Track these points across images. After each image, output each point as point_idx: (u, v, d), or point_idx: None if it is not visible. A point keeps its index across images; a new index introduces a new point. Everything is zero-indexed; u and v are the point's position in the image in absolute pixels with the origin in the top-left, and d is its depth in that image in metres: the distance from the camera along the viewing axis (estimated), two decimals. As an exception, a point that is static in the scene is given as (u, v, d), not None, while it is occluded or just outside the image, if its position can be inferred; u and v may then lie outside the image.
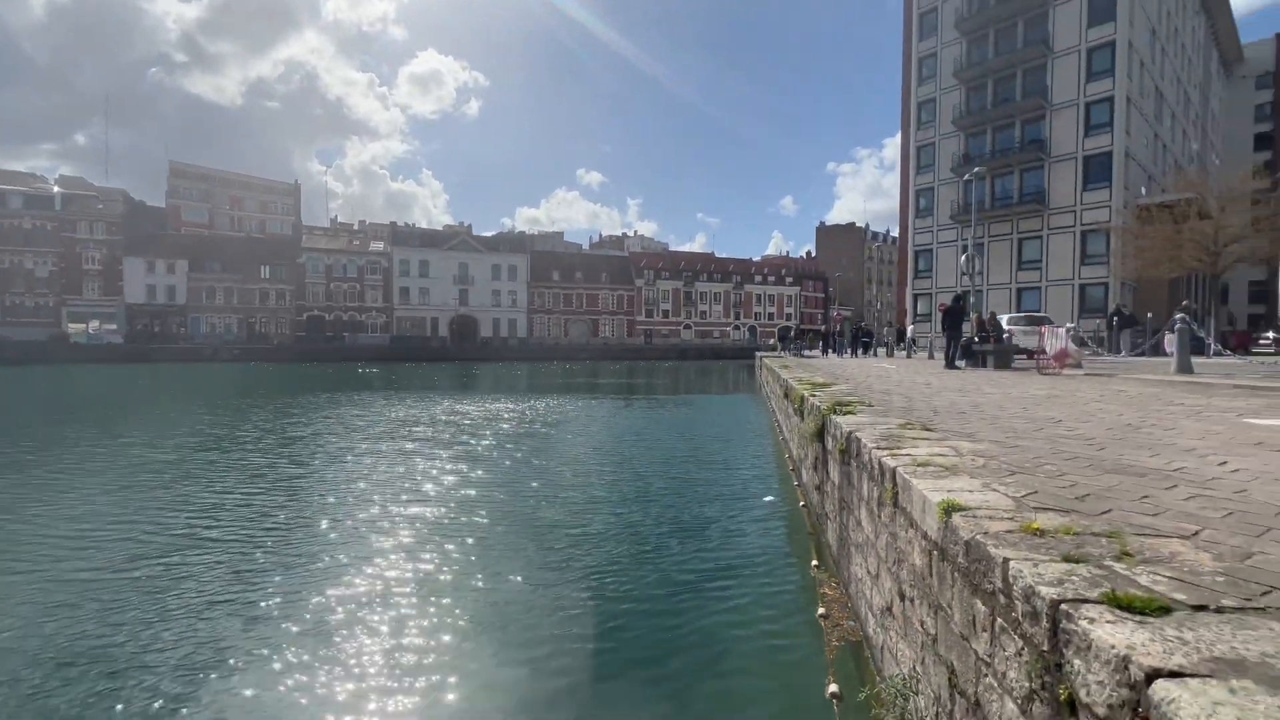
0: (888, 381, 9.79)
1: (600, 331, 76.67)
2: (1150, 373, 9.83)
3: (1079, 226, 31.97)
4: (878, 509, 3.57)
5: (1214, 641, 1.33)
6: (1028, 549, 1.93)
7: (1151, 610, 1.48)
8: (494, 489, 8.46)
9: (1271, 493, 2.57)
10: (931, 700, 2.53)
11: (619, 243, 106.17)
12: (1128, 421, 4.74)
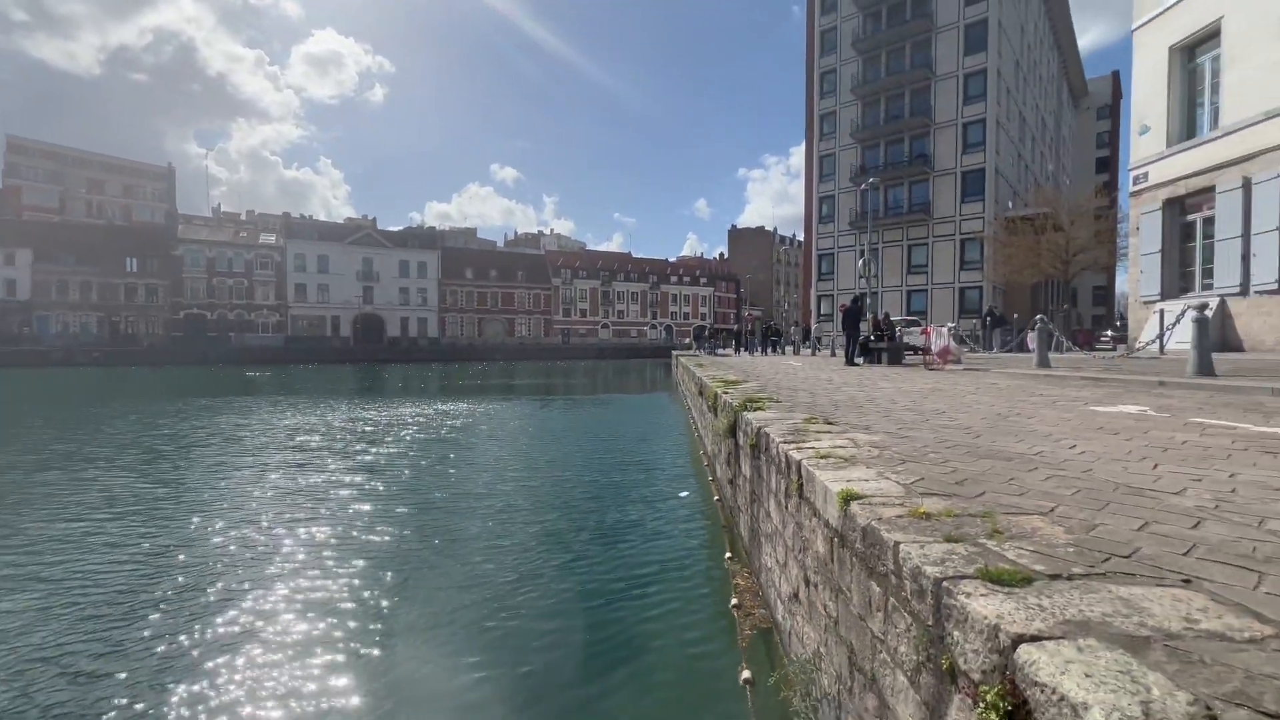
0: (794, 378, 10.30)
1: (516, 331, 75.12)
2: (1017, 367, 11.02)
3: (958, 235, 35.26)
4: (785, 500, 3.74)
5: (1065, 606, 1.50)
6: (915, 532, 2.10)
7: (1017, 582, 1.64)
8: (397, 503, 7.91)
9: (1110, 471, 2.95)
10: (834, 678, 2.69)
11: (535, 240, 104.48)
12: (998, 411, 5.27)
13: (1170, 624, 1.41)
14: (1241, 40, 12.92)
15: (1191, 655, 1.27)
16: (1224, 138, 13.26)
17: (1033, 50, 42.72)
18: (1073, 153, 56.57)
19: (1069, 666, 1.24)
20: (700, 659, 4.17)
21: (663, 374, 39.44)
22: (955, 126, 35.66)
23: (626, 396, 25.82)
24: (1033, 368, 10.13)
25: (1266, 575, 1.69)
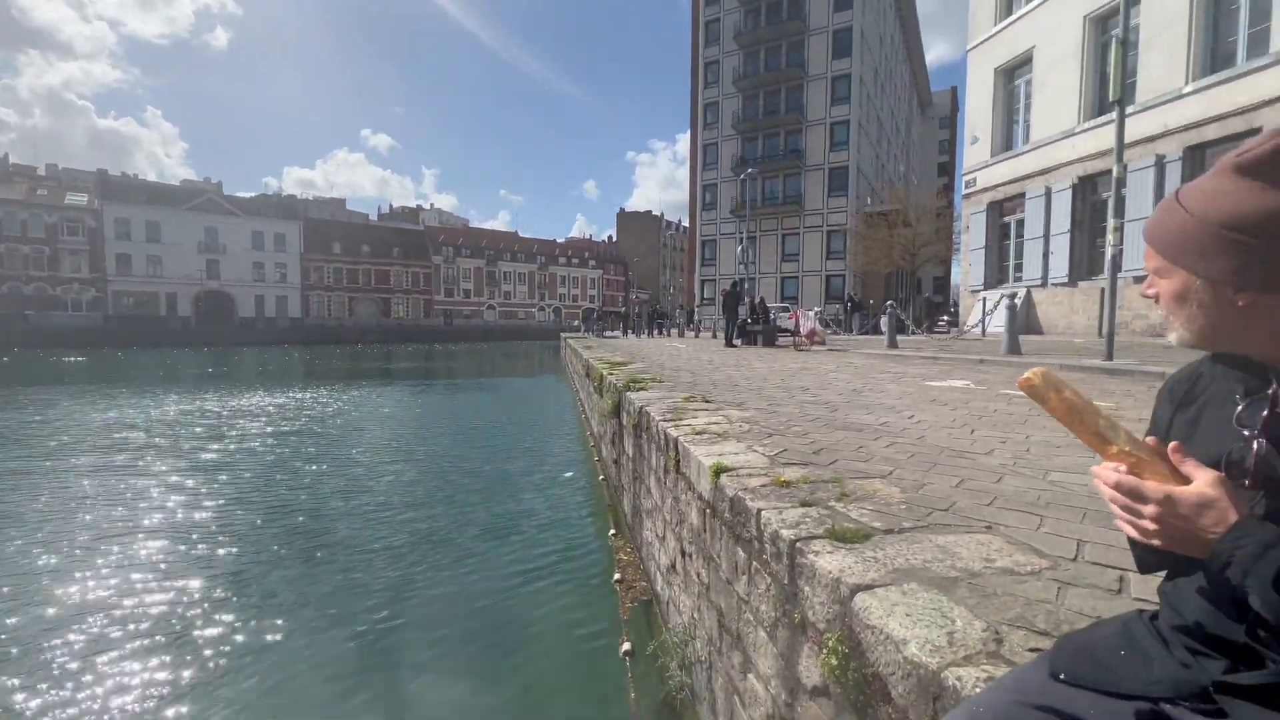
0: (678, 359, 10.65)
1: (393, 311, 70.26)
2: (871, 348, 12.24)
3: (825, 227, 38.23)
4: (664, 476, 3.87)
5: (894, 556, 1.70)
6: (775, 499, 2.26)
7: (858, 539, 1.83)
8: (246, 509, 6.97)
9: (938, 438, 3.37)
10: (706, 641, 2.84)
11: (414, 215, 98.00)
12: (854, 388, 5.82)
13: (974, 565, 1.64)
14: (1047, 68, 15.14)
15: (988, 589, 1.49)
16: (1032, 151, 15.53)
17: (889, 61, 47.00)
18: (920, 156, 63.39)
19: (894, 609, 1.40)
20: (583, 636, 4.22)
21: (551, 356, 39.00)
22: (824, 125, 38.42)
23: (514, 380, 25.20)
24: (884, 348, 11.30)
25: (1046, 518, 2.03)
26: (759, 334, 14.92)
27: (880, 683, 1.36)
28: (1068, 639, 0.99)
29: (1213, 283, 0.79)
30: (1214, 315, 0.80)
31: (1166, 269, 0.84)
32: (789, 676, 1.86)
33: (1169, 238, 0.83)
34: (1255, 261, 0.74)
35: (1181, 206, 0.81)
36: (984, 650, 1.22)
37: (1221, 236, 0.76)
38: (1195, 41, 11.61)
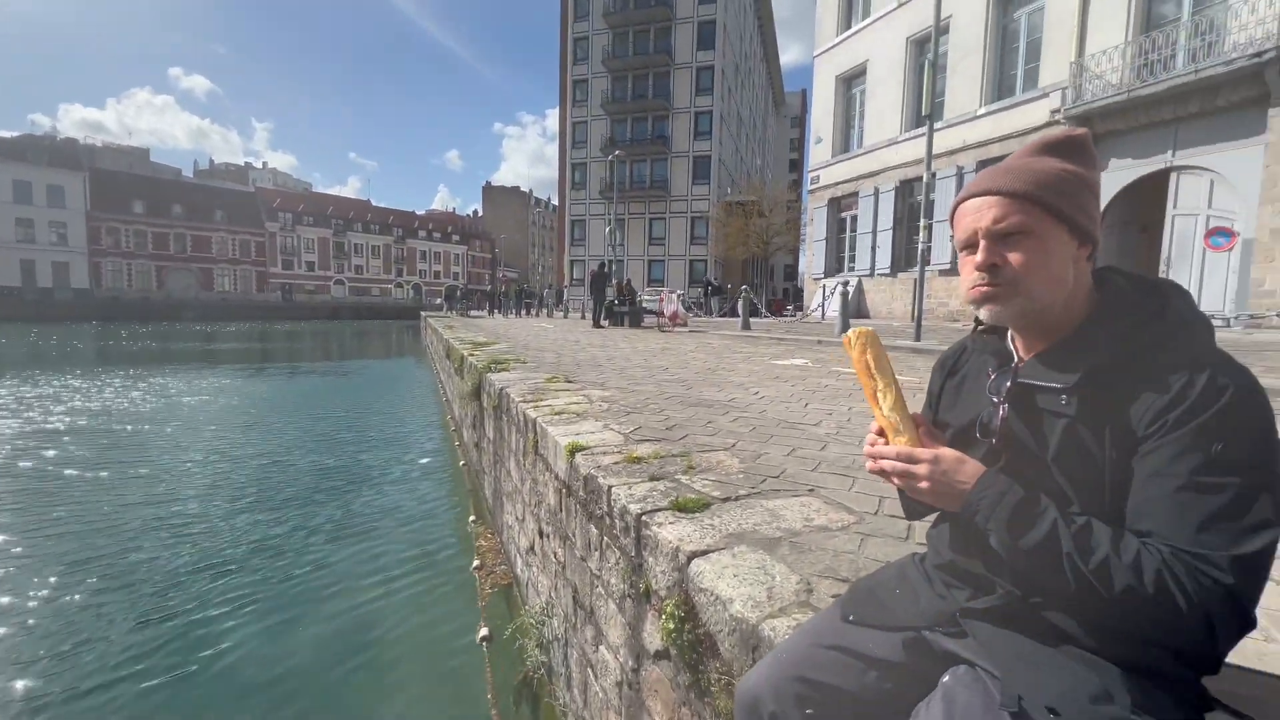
0: (544, 339, 10.50)
1: (216, 284, 61.14)
2: (728, 330, 13.04)
3: (690, 213, 39.75)
4: (523, 457, 3.80)
5: (729, 523, 1.82)
6: (627, 475, 2.31)
7: (698, 508, 1.93)
8: (26, 533, 5.82)
9: (778, 411, 3.68)
10: (562, 619, 2.86)
11: (242, 174, 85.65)
12: (709, 367, 6.16)
13: (796, 524, 1.81)
14: (877, 80, 16.96)
15: (805, 546, 1.66)
16: (865, 155, 17.38)
17: (749, 59, 49.65)
18: (774, 152, 68.15)
19: (724, 571, 1.50)
20: (440, 627, 4.06)
21: (411, 337, 36.53)
22: (689, 114, 39.71)
23: (368, 363, 23.19)
24: (739, 330, 12.09)
25: (858, 479, 2.30)
26: (626, 315, 15.20)
27: (711, 641, 1.45)
28: (858, 584, 1.13)
29: (1080, 240, 0.85)
30: (1069, 271, 0.86)
31: (1038, 225, 0.84)
32: (635, 644, 1.93)
33: (1054, 185, 0.84)
34: (1093, 211, 0.87)
35: (1042, 166, 0.86)
36: (796, 601, 1.35)
37: (1084, 189, 0.86)
38: (987, 71, 13.68)
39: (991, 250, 0.86)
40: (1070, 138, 0.87)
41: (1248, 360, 3.47)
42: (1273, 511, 0.70)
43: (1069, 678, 0.79)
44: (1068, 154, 0.87)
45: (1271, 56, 8.72)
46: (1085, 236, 0.86)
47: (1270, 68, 8.80)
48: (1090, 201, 0.86)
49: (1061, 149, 0.87)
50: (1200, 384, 0.74)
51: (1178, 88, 9.86)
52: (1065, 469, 0.84)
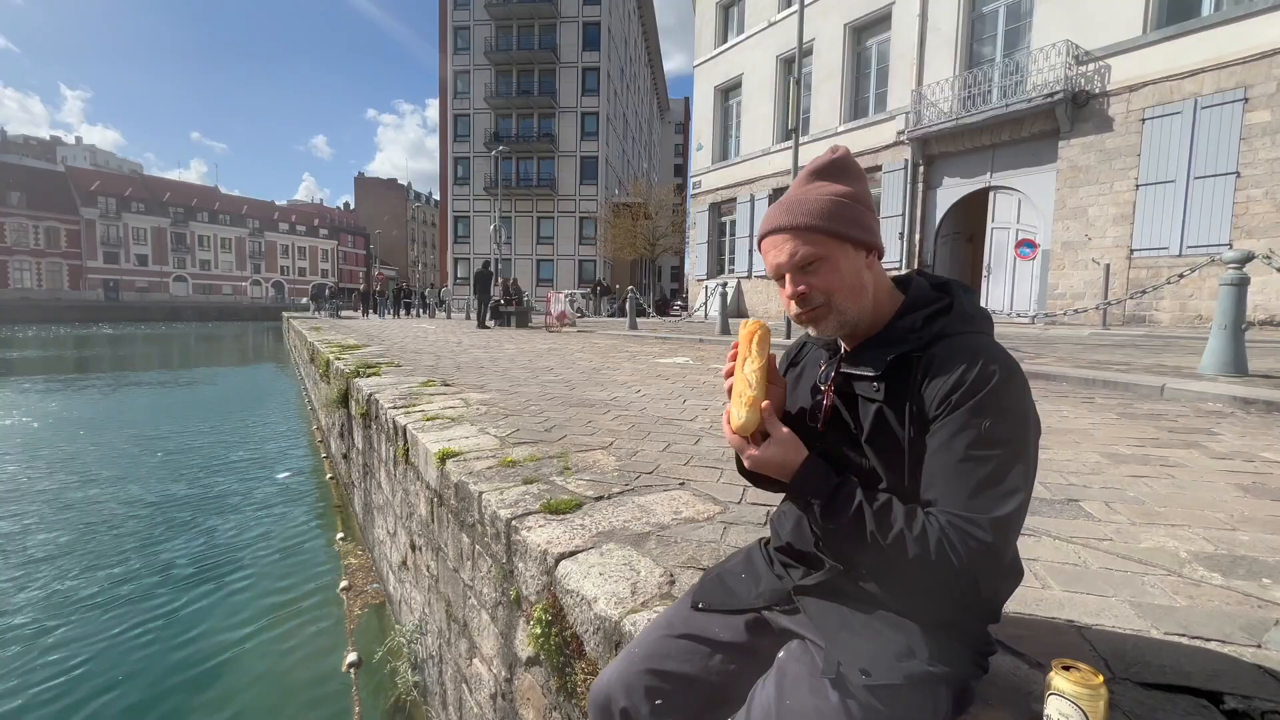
0: (423, 341, 9.96)
1: (13, 280, 51.22)
2: (616, 329, 13.18)
3: (578, 213, 39.68)
4: (394, 468, 3.57)
5: (600, 521, 1.83)
6: (500, 480, 2.25)
7: (570, 509, 1.92)
8: None
9: (658, 409, 3.77)
10: (436, 635, 2.73)
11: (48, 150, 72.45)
12: (595, 366, 6.18)
13: (665, 518, 1.86)
14: (751, 94, 17.99)
15: (672, 538, 1.70)
16: (741, 164, 18.37)
17: (634, 63, 50.51)
18: (659, 156, 69.95)
19: (590, 570, 1.50)
20: (304, 656, 3.70)
21: (272, 341, 32.98)
22: (575, 113, 39.60)
23: (219, 370, 20.53)
24: (626, 330, 12.26)
25: (726, 471, 2.41)
26: (512, 316, 14.83)
27: (578, 642, 1.45)
28: (708, 573, 1.18)
29: (868, 251, 0.96)
30: (863, 278, 0.96)
31: (827, 250, 0.93)
32: (508, 653, 1.88)
33: (832, 213, 0.93)
34: (870, 223, 0.95)
35: (817, 195, 0.95)
36: (659, 594, 1.39)
37: (857, 207, 0.95)
38: (845, 92, 15.02)
39: (797, 280, 0.95)
40: (832, 161, 0.96)
41: (1042, 351, 4.08)
42: (1023, 479, 0.82)
43: (879, 640, 0.88)
44: (834, 176, 0.96)
45: (1060, 97, 10.42)
46: (867, 246, 0.96)
47: (1059, 106, 10.50)
48: (863, 214, 0.95)
49: (828, 173, 0.96)
50: (975, 370, 0.86)
51: (993, 118, 11.46)
52: (876, 448, 0.94)
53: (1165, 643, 1.17)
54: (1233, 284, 4.10)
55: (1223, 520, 1.81)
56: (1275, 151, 8.40)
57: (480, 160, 40.27)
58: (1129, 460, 2.48)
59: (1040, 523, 1.80)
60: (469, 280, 34.96)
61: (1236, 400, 3.49)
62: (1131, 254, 9.89)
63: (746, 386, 0.98)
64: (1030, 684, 1.01)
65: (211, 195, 70.00)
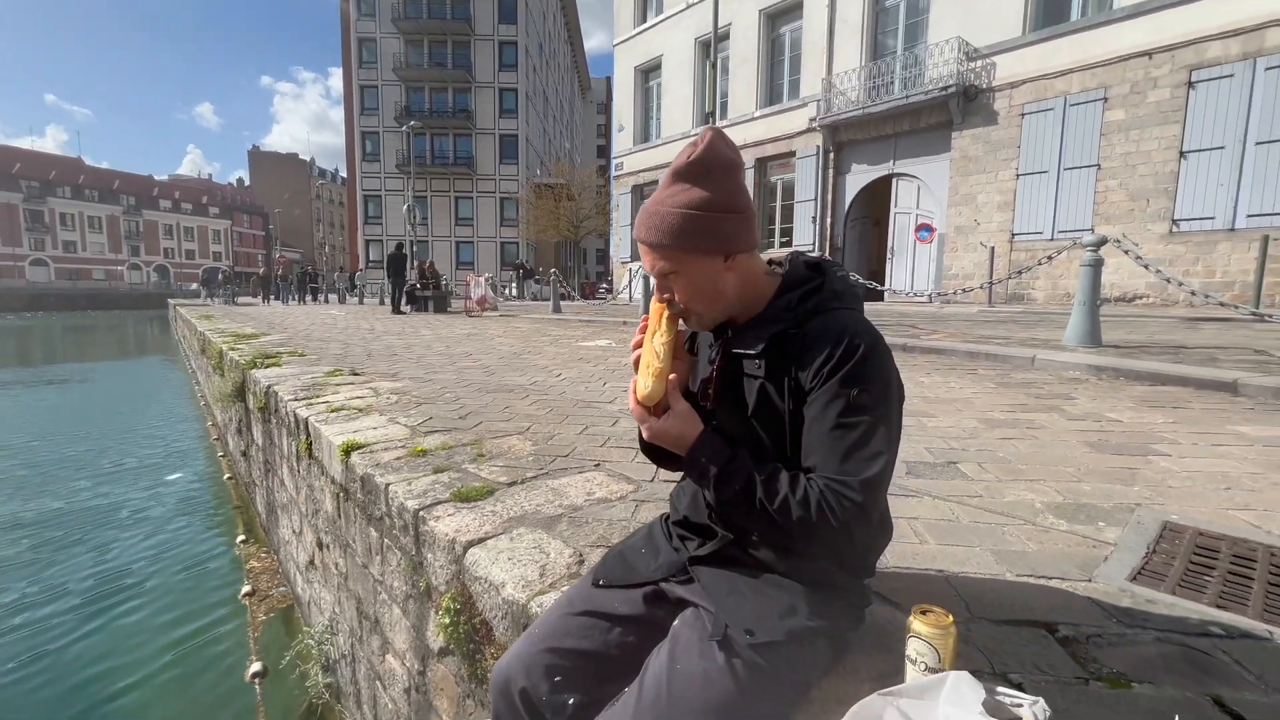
0: (331, 329, 9.37)
1: None
2: (539, 313, 12.98)
3: (498, 193, 38.48)
4: (296, 463, 3.37)
5: (512, 507, 1.81)
6: (409, 471, 2.17)
7: (481, 496, 1.90)
8: None
9: (577, 391, 3.76)
10: (348, 634, 2.62)
11: None
12: (515, 351, 6.07)
13: (578, 500, 1.88)
14: (671, 75, 18.03)
15: (583, 519, 1.72)
16: (662, 145, 18.43)
17: (553, 39, 49.14)
18: (581, 136, 68.85)
19: (499, 556, 1.49)
20: (205, 672, 3.45)
21: (157, 331, 29.93)
22: (493, 89, 38.12)
23: (96, 365, 18.30)
24: (549, 314, 12.11)
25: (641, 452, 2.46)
26: (429, 300, 14.24)
27: (487, 628, 1.44)
28: (610, 551, 1.20)
29: (725, 255, 0.98)
30: (724, 284, 1.00)
31: (679, 264, 0.97)
32: (420, 645, 1.85)
33: (680, 229, 0.96)
34: (726, 229, 0.97)
35: (670, 208, 0.98)
36: (568, 574, 1.40)
37: (710, 217, 0.98)
38: (761, 78, 15.36)
39: (662, 286, 1.00)
40: (691, 163, 0.95)
41: (936, 328, 4.38)
42: (885, 443, 0.90)
43: (764, 601, 0.94)
44: (694, 178, 0.95)
45: (953, 91, 11.18)
46: (725, 252, 0.97)
47: (952, 99, 11.27)
48: (718, 222, 0.95)
49: (687, 175, 0.96)
50: (844, 343, 0.92)
51: (895, 109, 12.14)
52: (761, 422, 0.99)
53: (1016, 584, 1.33)
54: (1090, 265, 4.60)
55: (1071, 474, 2.06)
56: (1128, 146, 9.46)
57: (391, 135, 38.02)
58: (1001, 424, 2.75)
59: (924, 485, 1.97)
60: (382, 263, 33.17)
61: (1091, 368, 3.95)
62: (1013, 238, 10.86)
63: (654, 358, 1.00)
64: (900, 630, 1.11)
65: (74, 167, 61.93)
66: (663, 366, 0.99)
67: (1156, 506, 1.76)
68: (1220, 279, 8.55)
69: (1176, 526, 1.61)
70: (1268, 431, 2.58)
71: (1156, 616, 1.19)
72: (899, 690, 0.83)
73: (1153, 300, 9.27)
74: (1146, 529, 1.59)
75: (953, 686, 0.81)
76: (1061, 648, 1.08)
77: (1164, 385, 3.57)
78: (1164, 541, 1.52)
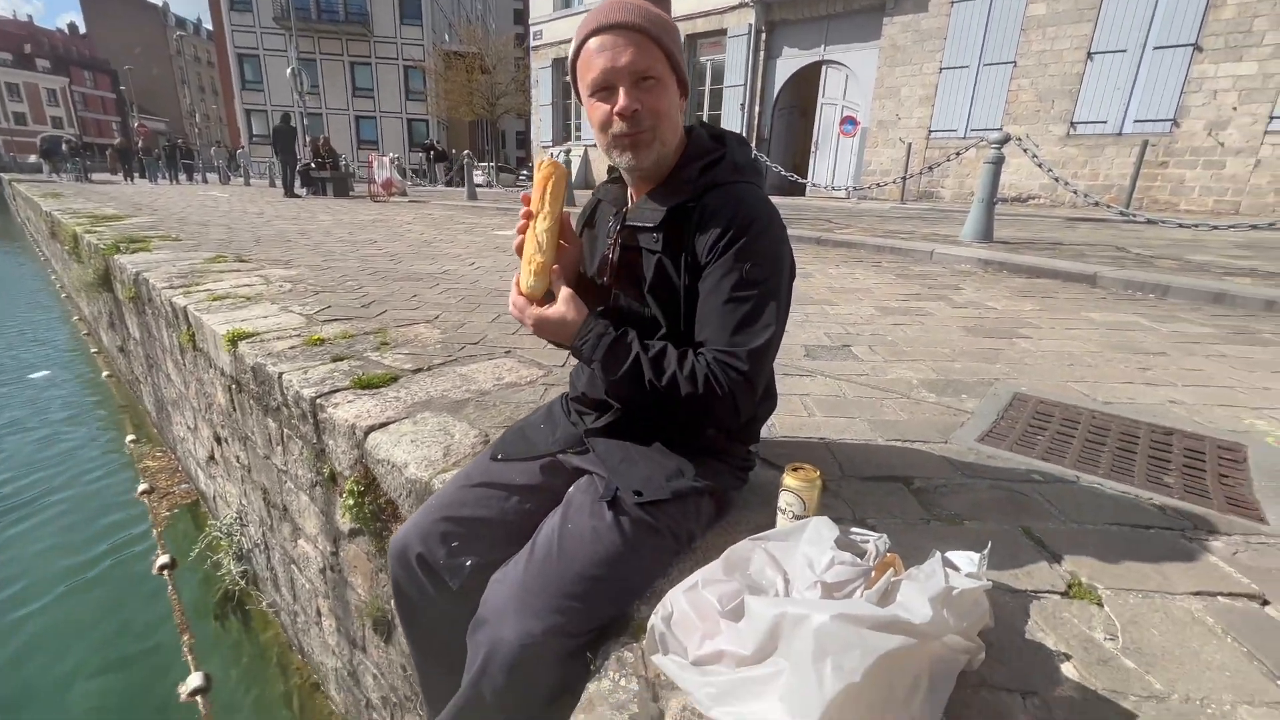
0: (213, 212, 8.35)
1: None
2: (453, 199, 12.11)
3: (401, 60, 34.10)
4: (181, 356, 3.12)
5: (417, 393, 1.78)
6: (304, 360, 2.06)
7: (384, 383, 1.84)
8: None
9: (490, 280, 3.63)
10: (258, 523, 2.59)
11: None
12: (426, 239, 5.70)
13: (486, 385, 1.87)
14: (596, -73, 15.96)
15: (491, 403, 1.72)
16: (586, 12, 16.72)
17: None
18: None
19: (402, 439, 1.48)
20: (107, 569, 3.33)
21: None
22: (387, -73, 32.41)
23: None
24: (464, 200, 11.34)
25: (555, 338, 2.45)
26: (328, 182, 12.88)
27: (392, 507, 1.46)
28: (510, 428, 1.22)
29: (682, 86, 0.94)
30: (679, 119, 0.95)
31: (661, 70, 0.89)
32: (331, 529, 1.86)
33: (665, 25, 0.88)
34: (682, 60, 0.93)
35: (644, 4, 0.89)
36: (472, 454, 1.42)
37: (678, 34, 0.91)
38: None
39: (632, 95, 0.88)
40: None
41: (850, 223, 4.50)
42: (774, 316, 0.93)
43: (654, 466, 1.00)
44: (653, 2, 0.90)
45: (890, -31, 10.69)
46: (685, 87, 0.96)
47: (888, -20, 10.81)
48: (680, 46, 0.93)
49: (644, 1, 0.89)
50: (740, 217, 0.92)
51: (831, -14, 11.51)
52: (657, 298, 0.99)
53: (885, 447, 1.48)
54: (992, 163, 4.80)
55: (947, 354, 2.26)
56: (1044, 44, 9.59)
57: (263, -21, 31.98)
58: (894, 312, 2.95)
59: (818, 365, 2.11)
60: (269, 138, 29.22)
61: (980, 261, 4.25)
62: (930, 135, 11.05)
63: (536, 250, 0.96)
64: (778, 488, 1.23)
65: None
66: (545, 260, 0.96)
67: (1011, 381, 1.99)
68: (1103, 181, 9.22)
69: (1024, 397, 1.84)
70: (1113, 317, 2.93)
71: (993, 469, 1.38)
72: (767, 535, 0.93)
73: (1044, 201, 9.93)
74: (1000, 399, 1.81)
75: (813, 529, 0.91)
76: (914, 497, 1.24)
77: (1038, 278, 3.92)
78: (1011, 409, 1.74)
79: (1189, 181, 8.46)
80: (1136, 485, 1.32)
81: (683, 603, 0.82)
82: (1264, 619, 0.91)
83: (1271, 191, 7.71)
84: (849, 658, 0.64)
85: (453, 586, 0.98)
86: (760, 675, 0.70)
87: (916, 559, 0.81)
